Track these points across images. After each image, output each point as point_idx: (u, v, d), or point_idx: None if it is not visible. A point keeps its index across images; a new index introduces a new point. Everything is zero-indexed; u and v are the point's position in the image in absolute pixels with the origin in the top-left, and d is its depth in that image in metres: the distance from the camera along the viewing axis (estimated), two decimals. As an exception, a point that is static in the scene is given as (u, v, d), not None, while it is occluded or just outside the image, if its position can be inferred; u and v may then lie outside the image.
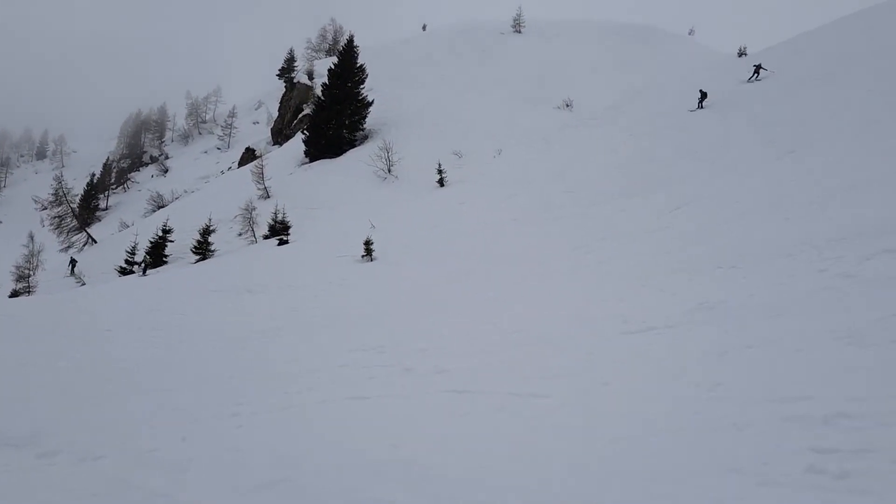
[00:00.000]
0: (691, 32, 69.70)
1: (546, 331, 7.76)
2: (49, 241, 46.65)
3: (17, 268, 36.24)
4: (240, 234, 31.06)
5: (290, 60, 68.58)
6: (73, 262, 34.15)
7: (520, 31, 62.78)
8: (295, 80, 63.00)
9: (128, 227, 48.88)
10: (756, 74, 28.73)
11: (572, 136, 33.54)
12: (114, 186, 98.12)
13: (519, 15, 63.75)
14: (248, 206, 31.25)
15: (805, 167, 15.49)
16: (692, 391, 4.31)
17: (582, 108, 41.64)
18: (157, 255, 30.12)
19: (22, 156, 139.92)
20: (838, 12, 34.29)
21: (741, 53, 46.62)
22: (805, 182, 13.97)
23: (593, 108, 40.17)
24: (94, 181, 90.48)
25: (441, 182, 32.16)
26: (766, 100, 24.50)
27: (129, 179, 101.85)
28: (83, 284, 29.87)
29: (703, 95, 28.28)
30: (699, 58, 51.76)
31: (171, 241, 30.56)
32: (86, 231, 46.30)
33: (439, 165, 32.64)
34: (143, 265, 29.24)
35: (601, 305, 8.66)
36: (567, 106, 43.07)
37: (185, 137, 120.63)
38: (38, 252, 41.04)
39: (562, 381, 5.37)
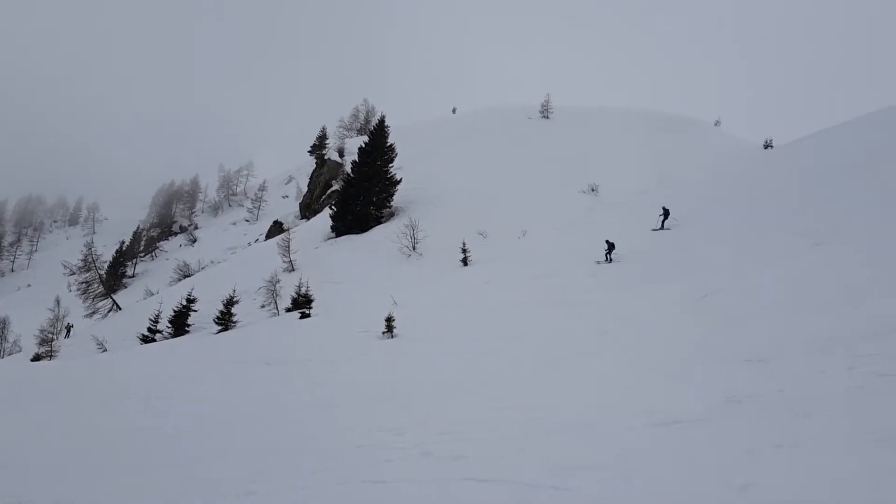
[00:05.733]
0: (717, 123, 70.55)
1: (568, 417, 7.60)
2: (75, 306, 47.20)
3: (42, 331, 36.59)
4: (263, 306, 31.17)
5: (322, 137, 70.17)
6: (69, 327, 34.56)
7: (547, 117, 64.14)
8: (326, 157, 64.40)
9: (153, 294, 49.31)
10: (664, 221, 28.85)
11: (597, 220, 33.72)
12: (142, 254, 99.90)
13: (547, 101, 65.24)
14: (272, 278, 31.46)
15: (834, 259, 15.34)
16: (722, 491, 4.15)
17: (607, 192, 41.93)
18: (179, 323, 30.27)
19: (55, 221, 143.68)
20: (859, 110, 34.90)
21: (767, 145, 47.12)
22: (834, 274, 13.80)
23: (618, 193, 40.50)
24: (123, 248, 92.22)
25: (465, 261, 32.22)
26: (793, 191, 24.56)
27: (157, 248, 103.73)
28: (104, 351, 29.98)
29: (666, 214, 28.83)
30: (724, 147, 52.27)
31: (195, 311, 30.71)
32: (111, 298, 46.76)
33: (464, 244, 32.77)
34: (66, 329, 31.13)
35: (625, 394, 8.49)
36: (592, 190, 43.39)
37: (216, 209, 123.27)
38: (63, 317, 41.52)
39: (584, 473, 5.20)
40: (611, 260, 26.31)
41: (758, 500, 3.89)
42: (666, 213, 28.95)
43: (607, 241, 26.78)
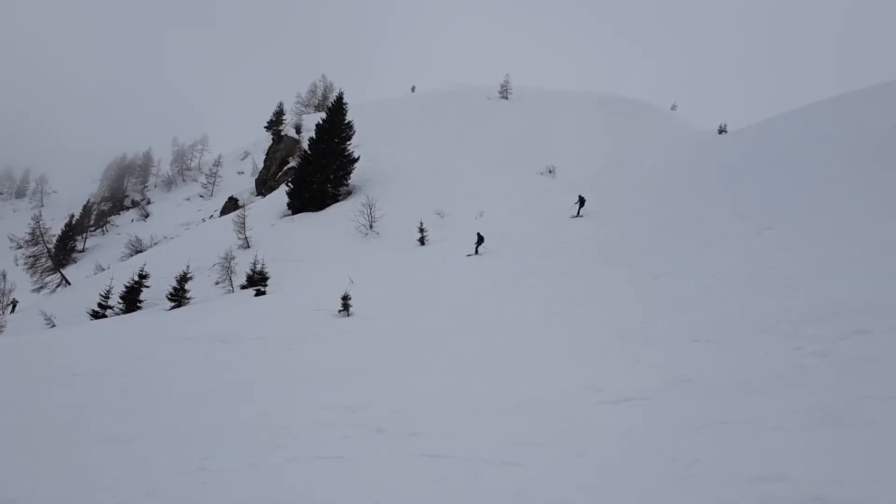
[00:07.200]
0: (673, 107, 71.43)
1: (520, 396, 7.70)
2: (22, 280, 45.90)
3: (-14, 306, 35.58)
4: (217, 283, 30.73)
5: (279, 113, 68.91)
6: (14, 303, 33.81)
7: (507, 98, 64.08)
8: (282, 133, 63.43)
9: (104, 270, 48.15)
10: (579, 209, 29.87)
11: (554, 202, 33.98)
12: (92, 229, 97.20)
13: (507, 81, 65.17)
14: (227, 255, 30.98)
15: (781, 244, 15.73)
16: (670, 466, 4.26)
17: (564, 174, 42.22)
18: (131, 299, 29.68)
19: (1, 193, 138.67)
20: (810, 97, 35.71)
21: (721, 130, 47.91)
22: (781, 259, 14.16)
23: (575, 175, 40.80)
24: (73, 222, 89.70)
25: (422, 241, 32.23)
26: (744, 177, 25.04)
27: (108, 222, 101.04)
28: (53, 326, 29.26)
29: (582, 202, 29.78)
30: (679, 133, 52.96)
31: (147, 287, 30.12)
32: (60, 272, 45.52)
33: (421, 224, 32.76)
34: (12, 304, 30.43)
35: (577, 373, 8.63)
36: (550, 172, 43.66)
37: (169, 183, 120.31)
38: (9, 291, 40.41)
39: (536, 449, 5.30)
40: (477, 252, 27.42)
41: (705, 475, 4.01)
42: (581, 201, 29.81)
43: (478, 234, 28.00)
